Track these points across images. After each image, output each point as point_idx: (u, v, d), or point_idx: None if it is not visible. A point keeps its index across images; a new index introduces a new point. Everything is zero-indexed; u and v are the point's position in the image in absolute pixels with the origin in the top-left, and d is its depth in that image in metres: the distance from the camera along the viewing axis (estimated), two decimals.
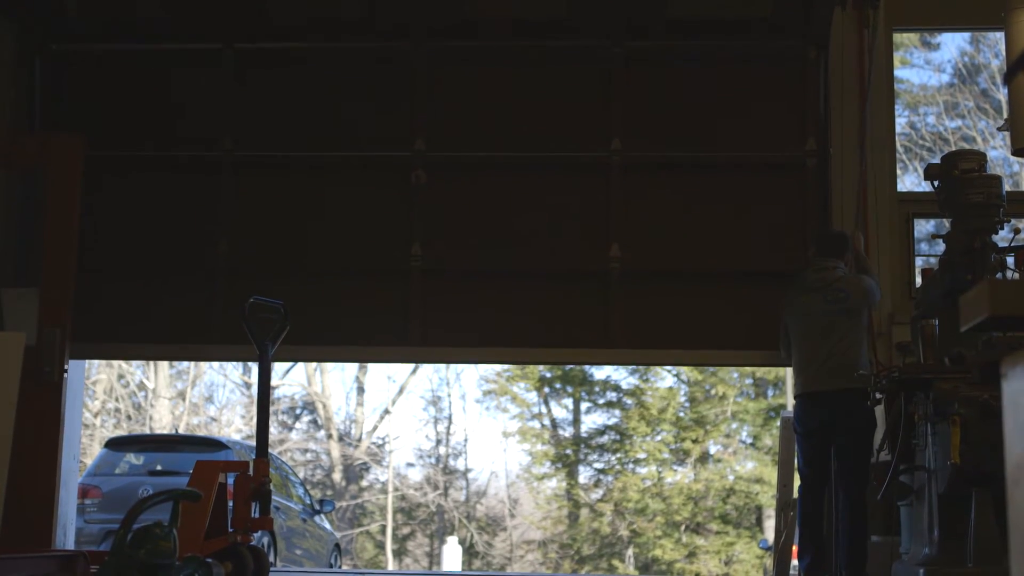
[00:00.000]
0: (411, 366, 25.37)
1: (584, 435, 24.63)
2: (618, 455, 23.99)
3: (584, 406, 24.72)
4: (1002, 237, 6.24)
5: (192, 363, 25.55)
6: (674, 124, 8.20)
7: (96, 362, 24.25)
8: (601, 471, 24.36)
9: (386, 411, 26.08)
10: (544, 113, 8.27)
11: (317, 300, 8.14)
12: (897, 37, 8.50)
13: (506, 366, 24.87)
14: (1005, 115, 7.08)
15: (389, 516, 25.10)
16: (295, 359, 15.41)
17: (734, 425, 24.19)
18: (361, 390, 26.31)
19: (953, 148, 10.09)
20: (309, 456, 26.29)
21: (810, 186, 7.99)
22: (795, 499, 7.20)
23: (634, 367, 22.35)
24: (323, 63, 8.45)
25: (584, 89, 8.30)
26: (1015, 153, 6.74)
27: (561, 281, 8.16)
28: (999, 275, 6.05)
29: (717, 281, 8.03)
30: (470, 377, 31.54)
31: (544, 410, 24.91)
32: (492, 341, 8.26)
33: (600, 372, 24.78)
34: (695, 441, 23.82)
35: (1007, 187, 6.37)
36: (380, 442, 26.08)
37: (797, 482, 7.04)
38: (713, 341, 8.03)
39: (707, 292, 8.02)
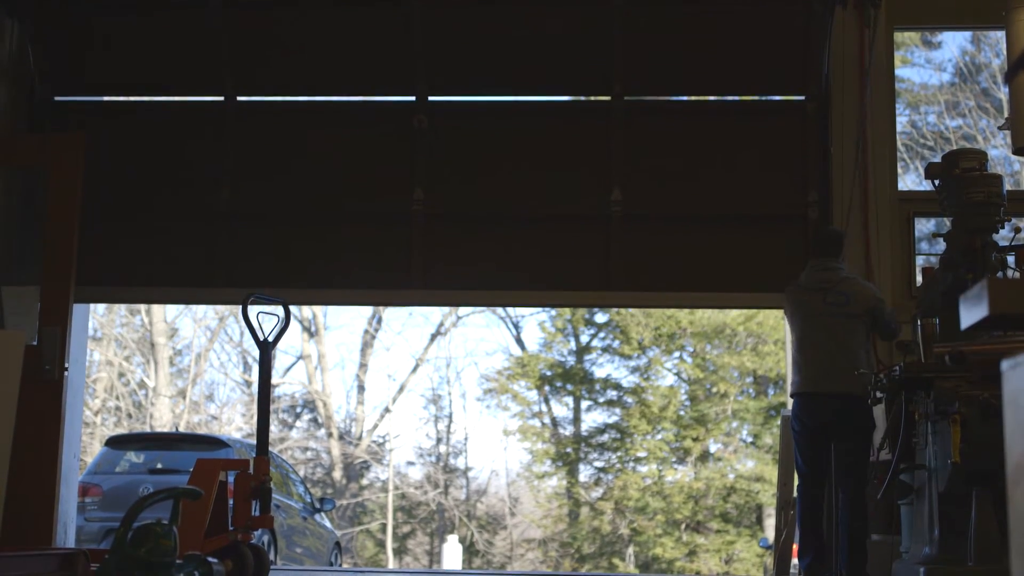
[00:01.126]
0: (412, 363, 25.40)
1: (584, 433, 24.63)
2: (618, 453, 24.00)
3: (584, 404, 24.73)
4: (1003, 236, 6.24)
5: (192, 362, 25.57)
6: (675, 70, 8.26)
7: (96, 361, 24.28)
8: (601, 469, 24.37)
9: (386, 409, 26.09)
10: (546, 56, 8.30)
11: (319, 245, 8.24)
12: (898, 36, 8.50)
13: (507, 364, 24.89)
14: (1006, 114, 7.08)
15: (389, 514, 25.10)
16: (298, 302, 15.47)
17: (735, 423, 24.18)
18: (361, 388, 26.32)
19: (954, 147, 10.05)
20: (309, 454, 26.30)
21: (809, 129, 8.08)
22: (795, 498, 7.19)
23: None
24: (323, 5, 8.46)
25: (586, 34, 8.32)
26: (1016, 152, 6.74)
27: (562, 225, 8.24)
28: (1000, 274, 6.05)
29: (717, 224, 8.11)
30: (470, 375, 31.60)
31: (544, 408, 24.92)
32: (493, 284, 8.35)
33: (601, 370, 24.80)
34: (696, 439, 23.82)
35: (1008, 186, 6.37)
36: (380, 440, 26.10)
37: (797, 481, 7.03)
38: (713, 283, 8.11)
39: (707, 235, 8.10)
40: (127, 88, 8.76)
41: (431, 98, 8.35)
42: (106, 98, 8.80)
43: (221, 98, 8.43)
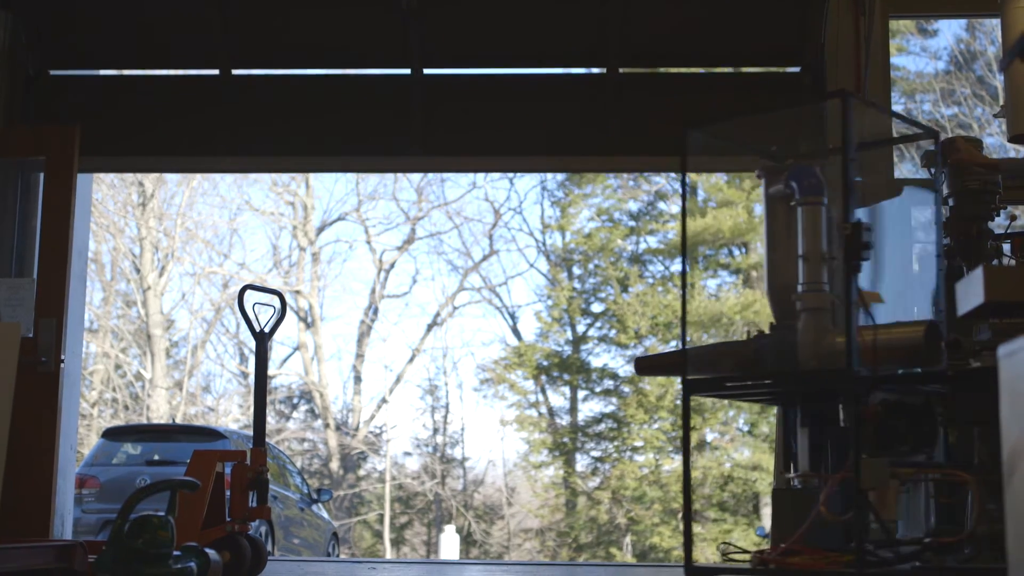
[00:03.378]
0: (408, 354, 25.41)
1: (581, 423, 24.66)
2: (615, 443, 24.03)
3: (581, 394, 24.76)
4: (998, 224, 6.24)
5: (189, 353, 25.57)
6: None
7: (92, 352, 24.28)
8: (598, 459, 24.41)
9: (383, 400, 26.11)
10: None
11: (317, 109, 8.21)
12: (893, 24, 8.48)
13: (504, 354, 24.89)
14: (1001, 102, 7.08)
15: (387, 505, 25.14)
16: (295, 170, 15.43)
17: (731, 412, 24.20)
18: (358, 379, 26.34)
19: (950, 135, 10.01)
20: (306, 445, 26.32)
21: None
22: None
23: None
24: None
25: None
26: (1012, 140, 6.73)
27: (562, 89, 8.23)
28: (995, 262, 6.05)
29: (716, 83, 8.11)
30: (467, 365, 31.62)
31: (541, 398, 24.94)
32: (492, 150, 8.32)
33: (597, 360, 24.82)
34: (692, 429, 23.80)
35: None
36: (377, 431, 26.12)
37: None
38: (712, 147, 8.12)
39: (707, 95, 8.09)
40: (123, 63, 8.67)
41: None
42: (102, 72, 8.73)
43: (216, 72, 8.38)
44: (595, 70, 8.32)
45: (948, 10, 8.70)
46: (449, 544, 22.57)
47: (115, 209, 25.51)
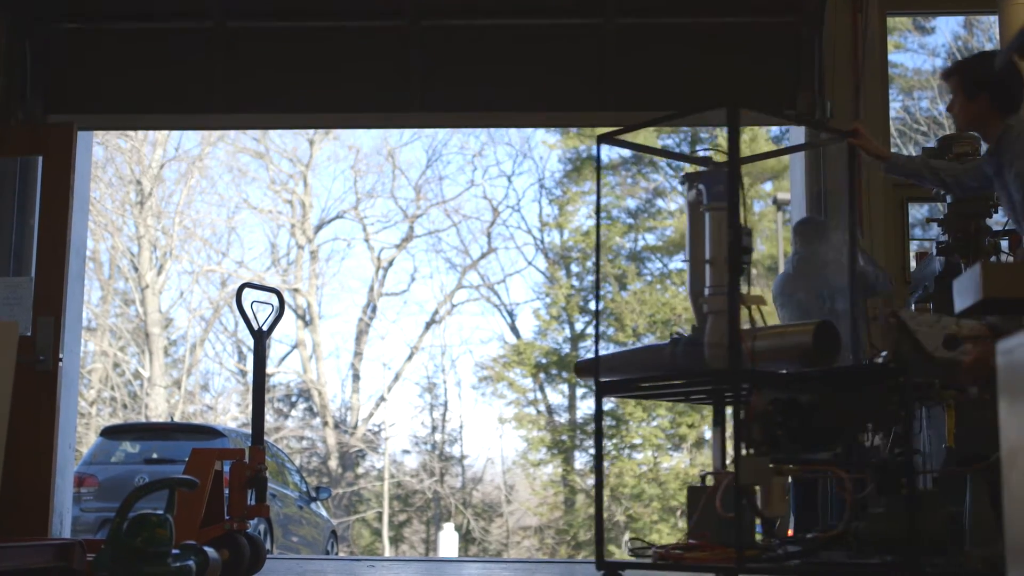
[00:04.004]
0: (407, 351, 25.40)
1: (580, 421, 24.67)
2: (614, 440, 24.04)
3: (580, 391, 24.76)
4: (996, 221, 6.25)
5: (187, 352, 25.56)
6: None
7: (91, 351, 24.26)
8: None
9: (382, 398, 26.10)
10: None
11: (313, 63, 8.17)
12: (891, 21, 8.49)
13: (502, 352, 24.89)
14: None
15: (385, 503, 25.14)
16: (298, 127, 15.40)
17: (729, 411, 24.17)
18: (356, 377, 26.34)
19: (947, 132, 9.98)
20: (305, 444, 26.31)
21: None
22: (790, 483, 7.21)
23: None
24: None
25: None
26: None
27: (560, 43, 8.17)
28: (993, 259, 6.06)
29: (716, 37, 8.07)
30: (465, 363, 31.61)
31: (540, 396, 24.95)
32: (491, 106, 8.30)
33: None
34: (691, 426, 23.85)
35: None
36: (376, 429, 26.12)
37: None
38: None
39: (707, 48, 8.06)
40: (114, 15, 8.59)
41: None
42: (93, 24, 8.65)
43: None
44: (592, 20, 8.23)
45: (946, 7, 8.70)
46: (448, 542, 22.57)
47: (113, 207, 25.51)
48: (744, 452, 4.18)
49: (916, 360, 3.99)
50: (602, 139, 5.14)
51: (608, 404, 24.42)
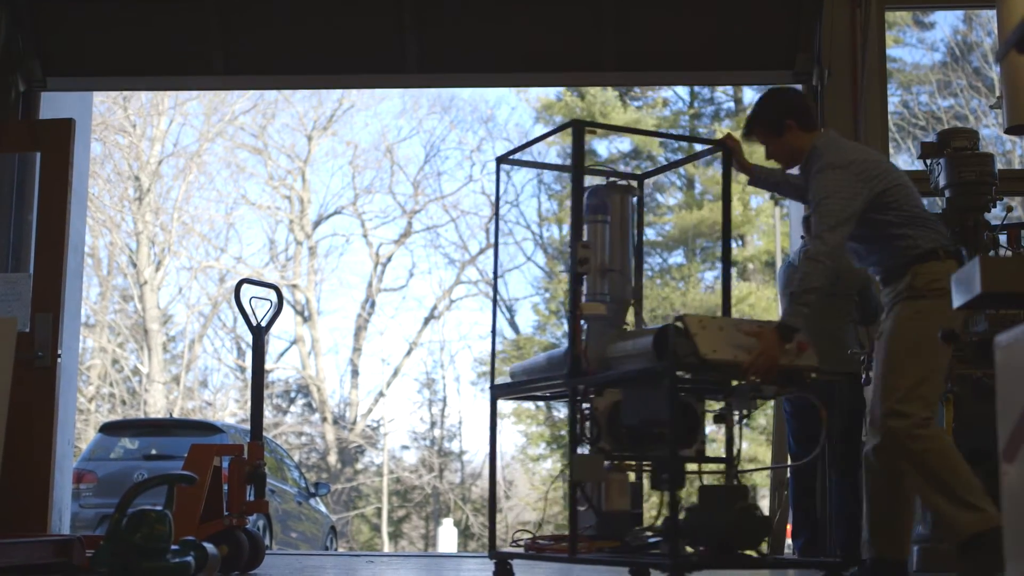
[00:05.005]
0: (406, 347, 25.40)
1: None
2: None
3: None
4: (994, 215, 6.25)
5: (186, 348, 25.54)
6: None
7: (90, 348, 24.26)
8: None
9: (380, 394, 26.12)
10: None
11: (315, 31, 8.14)
12: (890, 15, 8.48)
13: (501, 346, 24.87)
14: (998, 93, 7.08)
15: (384, 499, 25.16)
16: (297, 87, 15.34)
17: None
18: (355, 373, 26.35)
19: (946, 127, 10.07)
20: (304, 439, 26.34)
21: None
22: (788, 479, 7.21)
23: None
24: None
25: None
26: (1008, 131, 6.74)
27: (558, 2, 8.16)
28: (991, 253, 6.06)
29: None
30: (464, 359, 31.59)
31: None
32: (489, 67, 8.27)
33: None
34: None
35: (999, 165, 6.37)
36: (375, 425, 26.13)
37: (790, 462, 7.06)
38: (711, 63, 8.08)
39: (704, 8, 8.08)
40: None
41: None
42: None
43: None
44: None
45: (944, 1, 8.71)
46: (447, 537, 22.58)
47: (111, 203, 25.50)
48: (585, 451, 4.57)
49: (692, 362, 4.16)
50: (501, 160, 5.41)
51: None
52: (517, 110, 32.70)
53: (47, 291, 6.67)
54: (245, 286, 6.05)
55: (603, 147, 26.66)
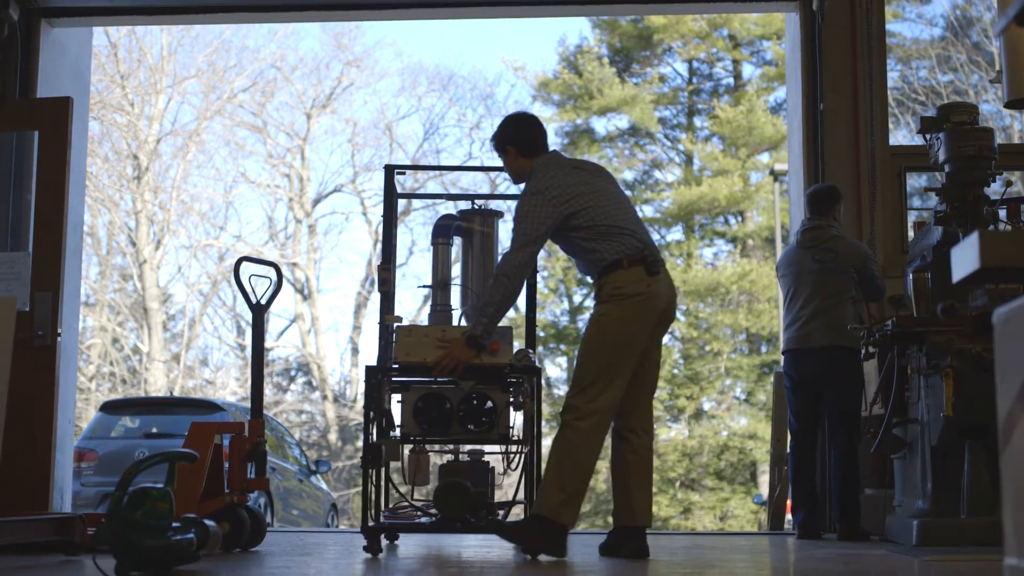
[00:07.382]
0: None
1: None
2: None
3: None
4: (994, 190, 6.24)
5: (186, 327, 25.54)
6: None
7: (90, 326, 24.27)
8: None
9: None
10: None
11: None
12: None
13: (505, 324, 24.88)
14: (998, 67, 7.06)
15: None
16: (286, 20, 15.34)
17: (728, 381, 24.25)
18: (355, 350, 26.36)
19: (945, 101, 10.03)
20: (304, 417, 26.37)
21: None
22: (788, 454, 7.24)
23: None
24: None
25: None
26: (1007, 106, 6.72)
27: None
28: (991, 227, 6.05)
29: None
30: None
31: None
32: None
33: None
34: (689, 398, 23.89)
35: (999, 139, 6.36)
36: None
37: (790, 437, 7.08)
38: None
39: None
40: None
41: None
42: None
43: None
44: None
45: None
46: None
47: (110, 183, 25.46)
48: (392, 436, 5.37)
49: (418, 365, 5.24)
50: (389, 168, 5.86)
51: None
52: (516, 87, 32.60)
53: (46, 270, 6.67)
54: (244, 264, 6.04)
55: (601, 125, 26.61)
